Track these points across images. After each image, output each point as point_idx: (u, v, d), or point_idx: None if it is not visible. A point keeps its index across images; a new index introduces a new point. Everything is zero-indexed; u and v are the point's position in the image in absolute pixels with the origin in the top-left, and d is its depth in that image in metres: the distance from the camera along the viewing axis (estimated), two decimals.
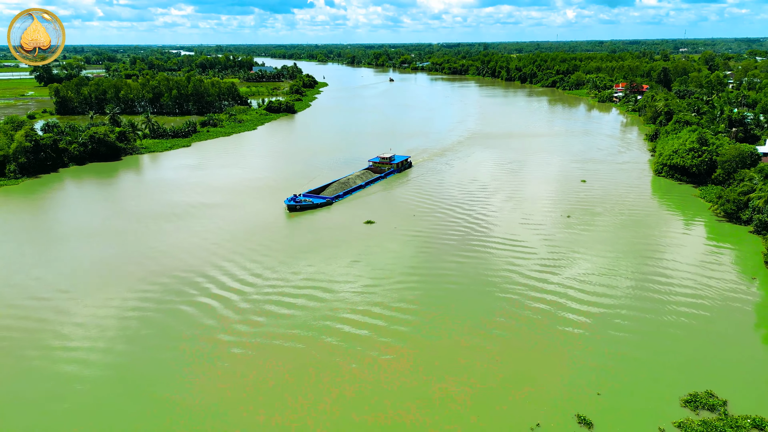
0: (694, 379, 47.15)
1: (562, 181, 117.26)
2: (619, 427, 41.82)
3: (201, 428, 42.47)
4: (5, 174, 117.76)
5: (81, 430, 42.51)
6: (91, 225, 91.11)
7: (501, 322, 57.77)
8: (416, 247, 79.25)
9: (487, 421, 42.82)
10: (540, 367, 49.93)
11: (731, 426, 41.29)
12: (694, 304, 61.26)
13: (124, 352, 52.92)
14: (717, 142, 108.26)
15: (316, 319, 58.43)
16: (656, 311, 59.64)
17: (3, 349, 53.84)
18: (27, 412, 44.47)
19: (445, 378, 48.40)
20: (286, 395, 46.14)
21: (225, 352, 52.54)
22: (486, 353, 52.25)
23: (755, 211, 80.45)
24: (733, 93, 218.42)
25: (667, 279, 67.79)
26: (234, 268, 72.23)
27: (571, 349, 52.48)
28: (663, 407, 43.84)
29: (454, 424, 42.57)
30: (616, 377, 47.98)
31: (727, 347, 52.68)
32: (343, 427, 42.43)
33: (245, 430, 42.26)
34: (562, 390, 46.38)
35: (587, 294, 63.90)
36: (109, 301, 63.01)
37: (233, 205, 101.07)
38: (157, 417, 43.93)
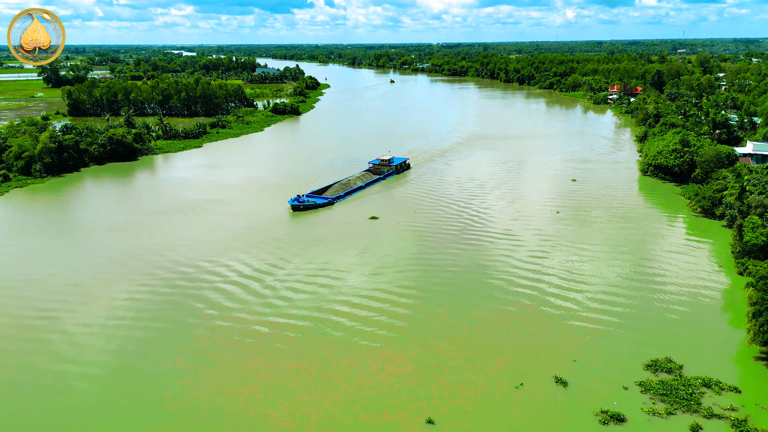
0: (657, 349, 54.79)
1: (555, 180, 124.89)
2: (589, 385, 49.48)
3: (242, 390, 50.10)
4: (31, 173, 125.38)
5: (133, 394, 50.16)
6: (116, 220, 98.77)
7: (492, 303, 65.46)
8: (418, 239, 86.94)
9: (479, 382, 50.43)
10: (524, 339, 57.59)
11: (684, 384, 48.94)
12: (665, 286, 68.92)
13: (158, 329, 60.49)
14: (698, 144, 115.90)
15: (329, 302, 66.03)
16: (630, 293, 67.31)
17: (52, 322, 61.48)
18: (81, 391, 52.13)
19: (439, 346, 56.03)
20: (308, 359, 53.73)
21: (249, 329, 60.14)
22: (477, 327, 59.92)
23: (727, 207, 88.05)
24: (722, 95, 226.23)
25: (643, 267, 75.44)
26: (251, 258, 79.84)
27: (552, 325, 60.15)
28: (628, 370, 51.49)
29: (449, 382, 50.16)
30: (590, 347, 55.64)
31: (689, 323, 60.31)
32: (353, 372, 50.01)
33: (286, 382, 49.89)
34: (542, 357, 54.06)
35: (569, 279, 71.57)
36: (137, 286, 70.66)
37: (245, 202, 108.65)
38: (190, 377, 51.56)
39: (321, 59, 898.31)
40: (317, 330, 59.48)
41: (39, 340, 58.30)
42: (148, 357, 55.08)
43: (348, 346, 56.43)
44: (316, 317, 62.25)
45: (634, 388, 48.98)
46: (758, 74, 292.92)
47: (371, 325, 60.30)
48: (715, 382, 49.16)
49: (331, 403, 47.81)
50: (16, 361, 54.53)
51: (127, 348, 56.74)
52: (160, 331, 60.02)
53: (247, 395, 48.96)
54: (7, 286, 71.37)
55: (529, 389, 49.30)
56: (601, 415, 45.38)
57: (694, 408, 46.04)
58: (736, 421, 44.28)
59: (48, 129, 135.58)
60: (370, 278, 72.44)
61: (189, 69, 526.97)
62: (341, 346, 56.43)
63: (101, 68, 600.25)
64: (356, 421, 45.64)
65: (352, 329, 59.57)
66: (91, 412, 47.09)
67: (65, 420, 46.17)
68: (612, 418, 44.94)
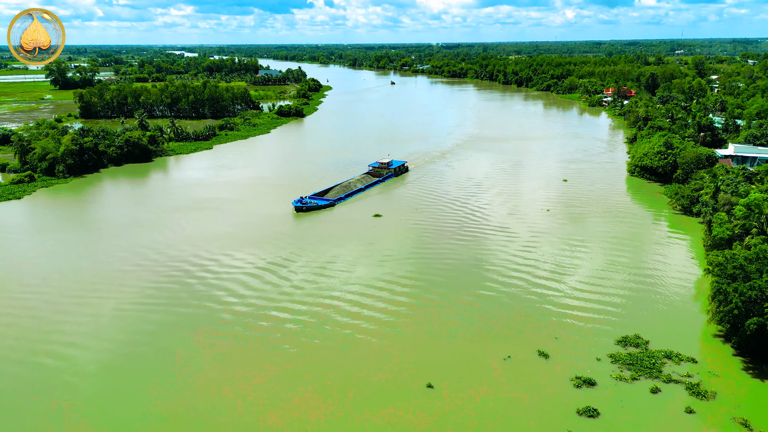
0: (628, 328, 62.57)
1: (548, 180, 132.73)
2: (567, 357, 57.23)
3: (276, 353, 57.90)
4: (55, 174, 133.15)
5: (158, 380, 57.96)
6: (138, 217, 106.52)
7: (485, 288, 73.24)
8: (419, 234, 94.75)
9: (472, 354, 58.19)
10: (513, 319, 65.37)
11: (648, 356, 56.72)
12: (642, 275, 76.69)
13: (185, 314, 68.27)
14: (680, 146, 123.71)
15: (340, 289, 73.80)
16: (609, 281, 75.08)
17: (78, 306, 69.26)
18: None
19: (437, 325, 63.83)
20: (322, 336, 61.52)
21: (266, 314, 67.95)
22: (471, 309, 67.73)
23: (703, 205, 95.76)
24: (713, 98, 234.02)
25: (623, 258, 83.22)
26: (265, 251, 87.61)
27: (538, 307, 67.93)
28: (601, 346, 59.26)
29: (446, 354, 57.90)
30: (570, 327, 63.39)
31: (660, 306, 68.05)
32: (364, 345, 57.78)
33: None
34: (528, 335, 61.85)
35: (555, 268, 79.36)
36: (161, 276, 78.47)
37: (256, 200, 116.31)
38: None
39: (322, 60, 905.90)
40: (331, 313, 67.20)
41: (72, 322, 66.05)
42: (178, 335, 62.81)
43: (358, 326, 64.13)
44: (328, 303, 69.95)
45: (606, 360, 56.76)
46: (749, 77, 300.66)
47: (378, 308, 68.06)
48: (675, 354, 56.95)
49: (344, 366, 55.58)
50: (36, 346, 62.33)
51: (161, 329, 64.52)
52: (187, 315, 67.71)
53: (277, 355, 56.72)
54: (44, 276, 79.02)
55: (515, 361, 57.10)
56: (575, 380, 53.16)
57: (656, 375, 53.83)
58: (689, 385, 52.07)
59: (70, 132, 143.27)
60: (376, 268, 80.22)
61: (192, 71, 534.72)
62: (352, 326, 64.14)
63: (105, 69, 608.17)
64: (367, 382, 53.40)
65: (360, 313, 67.29)
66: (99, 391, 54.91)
67: (76, 402, 53.96)
68: (584, 382, 52.74)
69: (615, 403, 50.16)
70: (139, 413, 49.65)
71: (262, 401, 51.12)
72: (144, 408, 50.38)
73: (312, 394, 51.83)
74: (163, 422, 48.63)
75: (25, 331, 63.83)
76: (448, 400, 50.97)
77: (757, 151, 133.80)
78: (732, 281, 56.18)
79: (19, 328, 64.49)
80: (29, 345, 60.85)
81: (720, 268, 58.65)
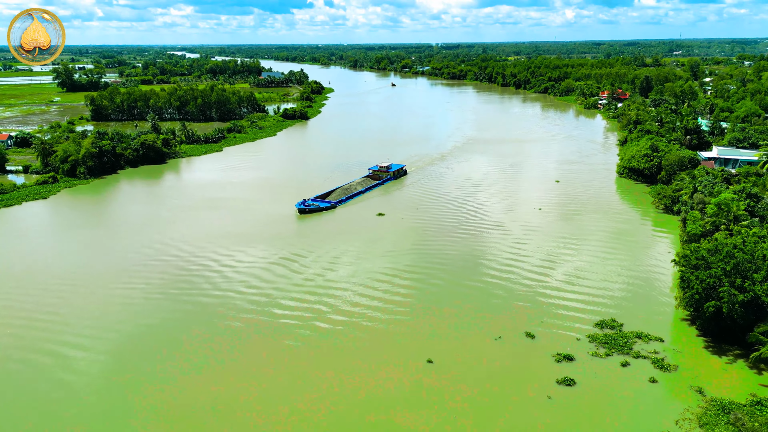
0: (606, 313, 70.45)
1: (542, 180, 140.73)
2: (550, 338, 65.12)
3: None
4: (76, 175, 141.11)
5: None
6: (158, 215, 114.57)
7: (480, 277, 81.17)
8: (420, 231, 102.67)
9: (467, 334, 66.10)
10: (504, 305, 73.26)
11: (621, 336, 64.60)
12: (623, 267, 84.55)
13: (207, 303, 76.24)
14: (666, 149, 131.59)
15: (349, 280, 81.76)
16: (593, 271, 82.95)
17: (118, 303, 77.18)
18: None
19: (436, 309, 71.71)
20: (333, 322, 69.44)
21: (280, 303, 75.84)
22: (467, 296, 75.65)
23: (682, 204, 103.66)
24: (702, 101, 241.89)
25: (608, 251, 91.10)
26: (276, 247, 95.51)
27: (527, 295, 75.84)
28: (581, 328, 67.10)
29: (444, 334, 65.76)
30: (555, 312, 71.26)
31: (637, 294, 75.90)
32: (371, 328, 65.65)
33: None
34: (517, 318, 69.75)
35: (545, 260, 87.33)
36: (182, 269, 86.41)
37: (265, 200, 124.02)
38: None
39: (323, 61, 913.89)
40: (339, 303, 75.10)
41: (98, 310, 74.02)
42: (201, 320, 70.73)
43: (365, 313, 72.03)
44: (337, 294, 77.86)
45: (585, 340, 64.65)
46: (740, 80, 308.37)
47: (382, 297, 75.93)
48: (645, 335, 64.85)
49: (353, 345, 63.50)
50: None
51: (187, 315, 72.45)
52: (209, 304, 75.64)
53: (292, 338, 64.67)
54: (71, 271, 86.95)
55: (505, 340, 65.02)
56: (556, 356, 61.03)
57: (626, 351, 61.73)
58: (655, 360, 59.96)
59: (89, 136, 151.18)
60: (380, 261, 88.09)
61: (196, 72, 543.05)
62: (359, 313, 72.03)
63: (109, 71, 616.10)
64: (374, 357, 61.31)
65: (367, 301, 75.19)
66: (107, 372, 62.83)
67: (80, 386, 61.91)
68: (564, 358, 60.62)
69: (589, 374, 58.06)
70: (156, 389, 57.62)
71: (284, 366, 59.02)
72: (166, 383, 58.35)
73: (324, 368, 59.71)
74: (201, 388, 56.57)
75: (51, 324, 71.83)
76: (445, 372, 58.89)
77: (738, 154, 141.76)
78: (695, 270, 64.05)
79: (43, 321, 72.51)
80: (47, 336, 68.81)
81: (685, 259, 66.52)
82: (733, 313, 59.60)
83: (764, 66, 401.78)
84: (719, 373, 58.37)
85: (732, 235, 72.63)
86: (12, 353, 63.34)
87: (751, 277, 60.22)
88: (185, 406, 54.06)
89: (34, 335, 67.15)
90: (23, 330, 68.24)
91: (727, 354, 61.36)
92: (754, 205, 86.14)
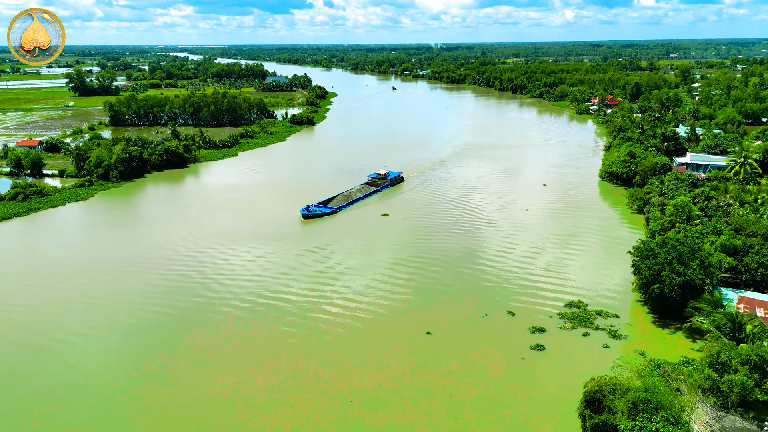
0: (576, 295, 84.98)
1: (532, 183, 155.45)
2: (528, 315, 79.62)
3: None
4: (109, 179, 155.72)
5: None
6: (187, 215, 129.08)
7: (473, 265, 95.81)
8: (421, 227, 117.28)
9: (460, 312, 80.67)
10: (491, 287, 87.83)
11: (585, 314, 79.07)
12: (596, 258, 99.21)
13: (245, 285, 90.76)
14: (642, 156, 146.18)
15: (363, 267, 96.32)
16: (570, 263, 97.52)
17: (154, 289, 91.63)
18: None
19: (434, 290, 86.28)
20: (351, 300, 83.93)
21: (299, 288, 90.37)
22: (460, 279, 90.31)
23: (651, 205, 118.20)
24: (687, 107, 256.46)
25: (584, 245, 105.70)
26: (293, 243, 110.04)
27: (511, 279, 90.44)
28: (554, 308, 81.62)
29: (440, 311, 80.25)
30: (533, 294, 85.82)
31: (603, 280, 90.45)
32: (379, 305, 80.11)
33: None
34: (501, 299, 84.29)
35: (529, 252, 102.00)
36: (218, 256, 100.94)
37: (280, 202, 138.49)
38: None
39: (325, 64, 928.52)
40: (357, 283, 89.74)
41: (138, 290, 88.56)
42: (232, 303, 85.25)
43: (373, 293, 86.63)
44: (353, 278, 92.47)
45: (555, 317, 79.18)
46: (726, 86, 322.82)
47: (388, 281, 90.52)
48: (605, 312, 79.39)
49: (363, 320, 78.06)
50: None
51: (215, 294, 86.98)
52: (244, 287, 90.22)
53: (309, 319, 79.17)
54: (127, 260, 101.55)
55: (491, 317, 79.59)
56: (531, 329, 75.53)
57: (588, 325, 76.26)
58: (610, 331, 74.46)
59: (120, 143, 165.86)
60: (386, 252, 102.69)
61: (202, 76, 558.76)
62: (369, 293, 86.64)
63: (116, 73, 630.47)
64: (381, 329, 75.81)
65: (375, 285, 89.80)
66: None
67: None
68: (537, 330, 75.10)
69: (556, 342, 72.61)
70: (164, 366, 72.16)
71: (308, 331, 73.64)
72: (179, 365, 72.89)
73: (340, 334, 74.25)
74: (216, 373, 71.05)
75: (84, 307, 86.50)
76: (442, 341, 73.45)
77: (709, 159, 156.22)
78: (645, 260, 78.60)
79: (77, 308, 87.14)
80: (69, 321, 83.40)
81: (638, 251, 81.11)
82: (673, 293, 74.19)
83: (753, 71, 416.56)
84: (660, 340, 72.99)
85: (679, 231, 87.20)
86: (39, 332, 77.89)
87: (688, 264, 74.77)
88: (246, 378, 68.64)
89: (73, 315, 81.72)
90: (63, 310, 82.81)
91: (669, 327, 75.99)
92: (706, 206, 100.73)
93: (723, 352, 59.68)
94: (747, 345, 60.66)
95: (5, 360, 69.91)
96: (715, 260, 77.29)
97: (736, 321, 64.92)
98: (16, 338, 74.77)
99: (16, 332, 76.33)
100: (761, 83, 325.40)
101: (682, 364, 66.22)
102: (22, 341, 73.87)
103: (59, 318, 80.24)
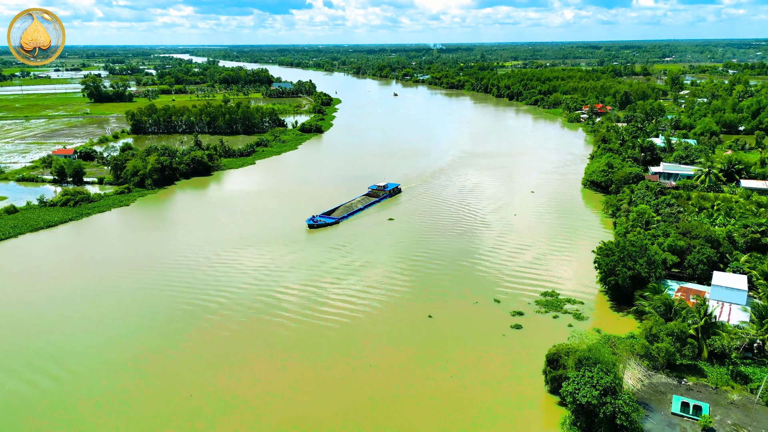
0: (551, 286, 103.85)
1: (521, 189, 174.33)
2: (510, 302, 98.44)
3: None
4: (145, 186, 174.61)
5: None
6: (217, 217, 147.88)
7: (469, 260, 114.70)
8: (424, 227, 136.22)
9: (455, 299, 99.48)
10: (482, 278, 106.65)
11: (557, 301, 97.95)
12: (572, 255, 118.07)
13: (275, 270, 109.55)
14: (618, 166, 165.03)
15: (376, 262, 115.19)
16: (550, 257, 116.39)
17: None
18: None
19: (434, 280, 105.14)
20: (364, 288, 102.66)
21: (337, 276, 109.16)
22: (456, 271, 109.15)
23: (621, 212, 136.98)
24: (669, 116, 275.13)
25: (564, 244, 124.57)
26: (321, 240, 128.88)
27: (499, 271, 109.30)
28: (531, 296, 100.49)
29: (439, 298, 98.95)
30: (516, 285, 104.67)
31: (574, 273, 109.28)
32: (386, 292, 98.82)
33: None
34: (489, 289, 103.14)
35: (516, 249, 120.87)
36: (252, 254, 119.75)
37: (298, 207, 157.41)
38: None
39: (326, 68, 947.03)
40: (367, 272, 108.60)
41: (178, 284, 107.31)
42: (270, 286, 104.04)
43: (383, 279, 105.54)
44: (362, 273, 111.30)
45: (533, 303, 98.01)
46: (711, 95, 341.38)
47: (394, 275, 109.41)
48: (572, 300, 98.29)
49: (372, 305, 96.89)
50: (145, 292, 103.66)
51: (251, 282, 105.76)
52: (274, 274, 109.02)
53: (325, 304, 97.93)
54: (175, 256, 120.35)
55: (480, 304, 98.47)
56: (512, 312, 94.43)
57: (558, 309, 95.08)
58: (575, 314, 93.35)
59: (153, 153, 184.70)
60: (392, 249, 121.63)
61: (209, 81, 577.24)
62: (378, 284, 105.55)
63: (123, 77, 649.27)
64: (388, 313, 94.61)
65: (383, 278, 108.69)
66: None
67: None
68: (517, 313, 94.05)
69: (532, 323, 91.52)
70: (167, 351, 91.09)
71: (323, 311, 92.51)
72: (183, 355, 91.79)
73: (348, 317, 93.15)
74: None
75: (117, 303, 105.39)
76: (441, 323, 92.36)
77: (679, 169, 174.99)
78: (605, 257, 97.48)
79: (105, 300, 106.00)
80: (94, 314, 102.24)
81: (600, 250, 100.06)
82: (625, 284, 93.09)
83: (739, 78, 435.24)
84: (614, 321, 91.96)
85: (636, 234, 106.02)
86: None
87: (637, 261, 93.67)
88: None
89: (104, 303, 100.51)
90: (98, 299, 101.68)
91: (622, 311, 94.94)
92: (663, 212, 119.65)
93: (654, 327, 78.67)
94: (674, 322, 79.59)
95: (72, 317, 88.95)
96: (659, 258, 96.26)
97: (668, 304, 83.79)
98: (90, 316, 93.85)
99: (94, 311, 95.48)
100: (745, 92, 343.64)
101: (627, 338, 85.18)
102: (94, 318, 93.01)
103: (142, 296, 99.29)
